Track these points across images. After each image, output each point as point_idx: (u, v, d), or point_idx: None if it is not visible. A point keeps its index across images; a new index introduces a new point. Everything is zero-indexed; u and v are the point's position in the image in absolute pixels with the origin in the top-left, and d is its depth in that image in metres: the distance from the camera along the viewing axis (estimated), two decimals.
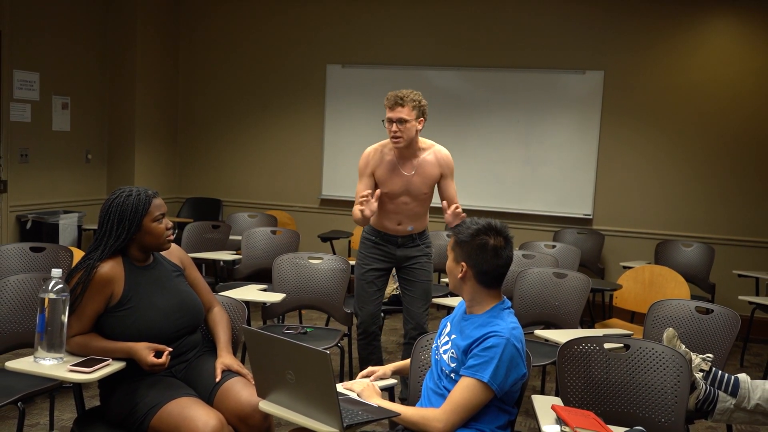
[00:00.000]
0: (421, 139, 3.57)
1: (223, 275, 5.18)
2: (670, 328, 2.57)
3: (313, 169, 6.73)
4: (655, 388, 2.34)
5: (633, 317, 4.71)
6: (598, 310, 5.45)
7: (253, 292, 3.76)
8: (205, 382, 2.41)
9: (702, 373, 2.52)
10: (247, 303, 2.96)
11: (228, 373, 2.42)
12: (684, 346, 2.52)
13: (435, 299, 3.89)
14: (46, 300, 2.26)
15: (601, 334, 3.15)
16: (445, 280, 4.65)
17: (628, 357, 2.41)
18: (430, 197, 3.63)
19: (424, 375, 2.39)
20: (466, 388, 2.10)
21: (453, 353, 2.21)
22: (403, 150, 3.51)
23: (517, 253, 4.36)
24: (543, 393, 3.87)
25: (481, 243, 2.19)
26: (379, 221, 3.65)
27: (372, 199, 3.36)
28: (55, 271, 2.29)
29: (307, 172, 6.75)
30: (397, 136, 3.41)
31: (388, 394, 2.43)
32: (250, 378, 2.38)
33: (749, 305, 4.84)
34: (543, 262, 4.36)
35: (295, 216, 6.64)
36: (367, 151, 3.64)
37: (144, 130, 6.60)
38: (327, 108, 6.62)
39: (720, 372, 2.55)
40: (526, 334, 2.30)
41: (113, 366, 2.30)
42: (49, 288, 2.26)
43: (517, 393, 2.21)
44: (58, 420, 3.46)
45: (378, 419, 2.02)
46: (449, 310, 3.20)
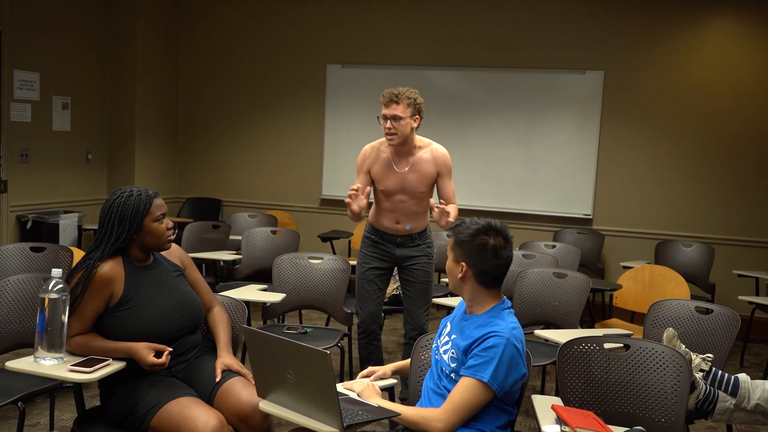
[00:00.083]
0: (418, 137, 3.57)
1: (223, 275, 5.18)
2: (670, 328, 2.57)
3: (313, 169, 6.73)
4: (655, 388, 2.34)
5: (633, 317, 4.72)
6: (598, 310, 5.45)
7: (253, 292, 3.76)
8: (205, 382, 2.41)
9: (702, 373, 2.52)
10: (247, 303, 2.96)
11: (228, 373, 2.42)
12: (684, 346, 2.52)
13: (435, 299, 3.88)
14: (47, 300, 2.26)
15: (601, 334, 3.15)
16: (445, 280, 4.65)
17: (628, 357, 2.41)
18: (428, 196, 3.60)
19: (424, 375, 2.39)
20: (466, 388, 2.10)
21: (453, 353, 2.21)
22: (399, 147, 3.52)
23: (517, 253, 4.36)
24: (543, 393, 3.87)
25: (481, 243, 2.19)
26: (377, 220, 3.65)
27: (361, 194, 3.38)
28: (56, 271, 2.30)
29: (307, 172, 6.76)
30: (392, 132, 3.42)
31: (388, 394, 2.44)
32: (250, 378, 2.38)
33: (749, 305, 4.84)
34: (543, 262, 4.36)
35: (295, 216, 6.64)
36: (365, 148, 3.66)
37: (144, 130, 6.60)
38: (327, 108, 6.62)
39: (720, 372, 2.55)
40: (526, 334, 2.30)
41: (113, 366, 2.30)
42: (50, 288, 2.26)
43: (517, 393, 2.21)
44: (59, 420, 3.46)
45: (378, 419, 2.03)
46: (449, 310, 3.20)
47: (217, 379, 2.38)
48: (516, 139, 6.19)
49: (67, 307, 2.29)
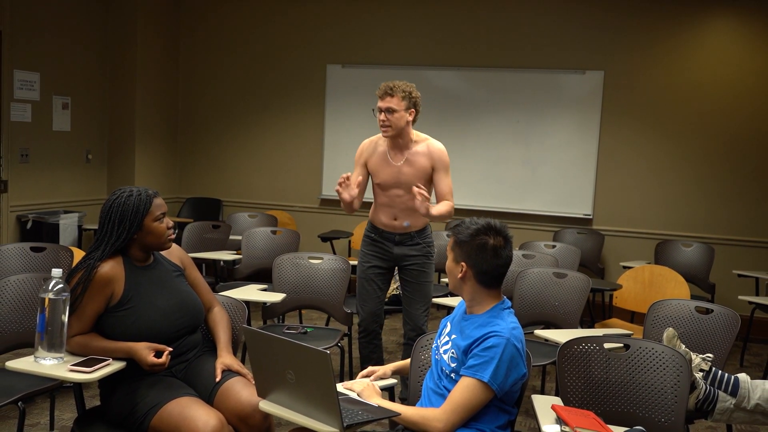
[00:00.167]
0: (415, 132, 3.59)
1: (223, 275, 5.18)
2: (670, 328, 2.57)
3: (313, 169, 6.73)
4: (655, 388, 2.34)
5: (633, 317, 4.72)
6: (598, 310, 5.45)
7: (253, 292, 3.77)
8: (205, 382, 2.41)
9: (702, 373, 2.52)
10: (247, 303, 2.96)
11: (228, 372, 2.42)
12: (684, 346, 2.52)
13: (435, 299, 3.88)
14: (47, 300, 2.26)
15: (601, 334, 3.16)
16: (445, 280, 4.64)
17: (628, 357, 2.41)
18: (425, 192, 3.58)
19: (424, 375, 2.39)
20: (466, 388, 2.10)
21: (453, 353, 2.21)
22: (395, 141, 3.55)
23: (517, 253, 4.36)
24: (543, 393, 3.87)
25: (481, 243, 2.19)
26: (376, 216, 3.67)
27: (352, 184, 3.41)
28: (56, 271, 2.30)
29: (308, 172, 6.76)
30: (386, 125, 3.47)
31: (388, 393, 2.44)
32: (250, 378, 2.38)
33: (749, 305, 4.84)
34: (543, 262, 4.36)
35: (295, 216, 6.64)
36: (364, 142, 3.71)
37: (144, 130, 6.61)
38: (327, 108, 6.62)
39: (720, 372, 2.55)
40: (526, 334, 2.30)
41: (113, 366, 2.30)
42: (50, 288, 2.27)
43: (517, 393, 2.21)
44: (59, 420, 3.46)
45: (378, 419, 2.03)
46: (449, 310, 3.20)
47: (217, 379, 2.38)
48: (516, 139, 6.19)
49: (67, 307, 2.29)
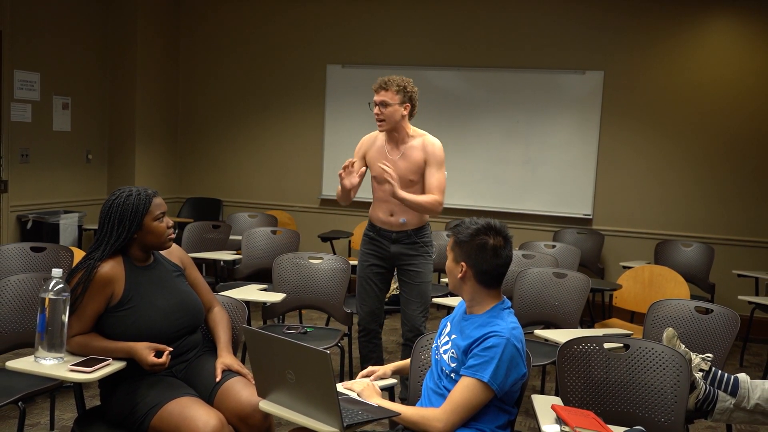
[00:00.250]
0: (413, 128, 3.61)
1: (223, 275, 5.18)
2: (670, 328, 2.57)
3: (313, 169, 6.74)
4: (655, 388, 2.35)
5: (633, 317, 4.72)
6: (597, 310, 5.46)
7: (253, 292, 3.77)
8: (205, 382, 2.41)
9: (702, 373, 2.52)
10: (247, 303, 2.96)
11: (228, 372, 2.42)
12: (684, 346, 2.52)
13: (435, 299, 3.88)
14: (47, 300, 2.26)
15: (600, 334, 3.16)
16: (445, 280, 4.65)
17: (627, 357, 2.41)
18: (418, 186, 3.56)
19: (424, 375, 2.39)
20: (466, 387, 2.10)
21: (453, 353, 2.21)
22: (392, 135, 3.58)
23: (517, 253, 4.36)
24: (543, 393, 3.87)
25: (481, 243, 2.19)
26: (374, 213, 3.68)
27: (355, 172, 3.43)
28: (56, 271, 2.30)
29: (308, 172, 6.76)
30: (380, 119, 3.50)
31: (388, 393, 2.44)
32: (250, 378, 2.38)
33: (749, 305, 4.84)
34: (543, 262, 4.36)
35: (295, 216, 6.64)
36: (365, 136, 3.74)
37: (144, 130, 6.61)
38: (327, 108, 6.63)
39: (720, 372, 2.55)
40: (526, 334, 2.31)
41: (114, 366, 2.30)
42: (50, 288, 2.27)
43: (517, 393, 2.21)
44: (59, 420, 3.46)
45: (378, 419, 2.03)
46: (449, 310, 3.20)
47: (218, 379, 2.38)
48: (516, 139, 6.20)
49: (68, 307, 2.30)
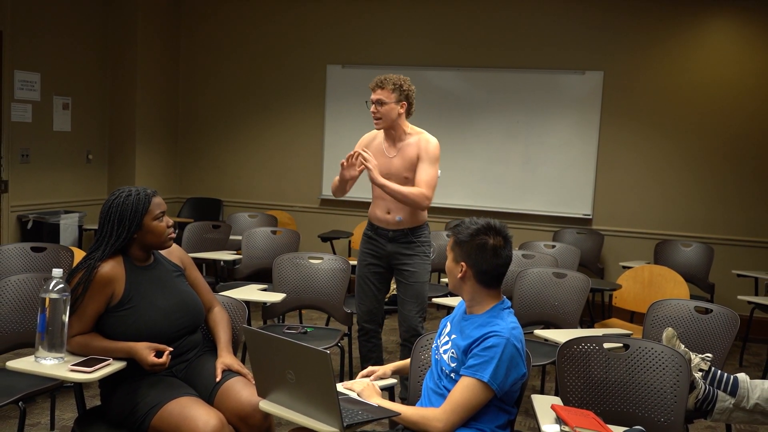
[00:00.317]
0: (411, 126, 3.62)
1: (223, 275, 5.18)
2: (670, 328, 2.58)
3: (313, 169, 6.74)
4: (655, 388, 2.35)
5: (632, 317, 4.72)
6: (597, 309, 5.46)
7: (253, 292, 3.77)
8: (205, 382, 2.42)
9: (701, 373, 2.52)
10: (247, 303, 2.97)
11: (228, 372, 2.42)
12: (683, 346, 2.53)
13: (435, 299, 3.88)
14: (47, 300, 2.26)
15: (600, 334, 3.16)
16: (444, 280, 4.65)
17: (627, 357, 2.42)
18: (413, 183, 3.56)
19: (424, 375, 2.39)
20: (466, 387, 2.11)
21: (453, 353, 2.21)
22: (389, 133, 3.60)
23: (517, 253, 4.37)
24: (543, 393, 3.87)
25: (481, 243, 2.19)
26: (372, 211, 3.70)
27: (356, 165, 3.45)
28: (56, 271, 2.30)
29: (308, 172, 6.76)
30: (377, 117, 3.53)
31: (388, 393, 2.44)
32: (250, 378, 2.39)
33: (748, 305, 4.84)
34: (542, 262, 4.36)
35: (295, 216, 6.65)
36: (365, 134, 3.77)
37: (145, 130, 6.61)
38: (327, 108, 6.63)
39: (719, 371, 2.55)
40: (525, 333, 2.31)
41: (114, 366, 2.30)
42: (50, 288, 2.27)
43: (516, 393, 2.21)
44: (59, 419, 3.46)
45: (378, 419, 2.03)
46: (449, 310, 3.20)
47: (218, 379, 2.39)
48: (516, 139, 6.20)
49: (68, 307, 2.30)
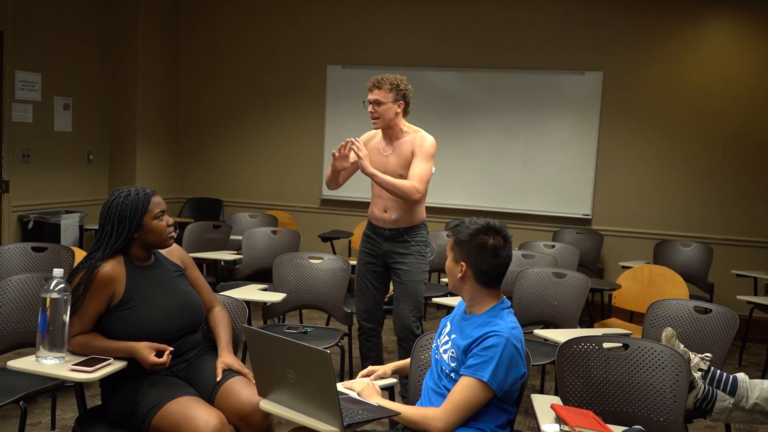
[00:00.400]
0: (409, 125, 3.63)
1: (223, 275, 5.19)
2: (669, 328, 2.58)
3: (313, 170, 6.74)
4: (654, 388, 2.35)
5: (632, 317, 4.72)
6: (597, 309, 5.46)
7: (253, 292, 3.78)
8: (205, 382, 2.42)
9: (701, 373, 2.53)
10: (247, 303, 2.97)
11: (229, 372, 2.43)
12: (683, 346, 2.53)
13: (435, 299, 3.89)
14: (48, 300, 2.27)
15: (600, 334, 3.16)
16: (444, 280, 4.65)
17: (627, 356, 2.42)
18: None
19: (424, 374, 2.40)
20: (466, 387, 2.11)
21: (453, 353, 2.22)
22: (386, 132, 3.62)
23: (517, 253, 4.37)
24: (542, 392, 3.88)
25: (481, 243, 2.20)
26: (371, 211, 3.71)
27: (350, 157, 3.48)
28: (57, 271, 2.31)
29: (308, 172, 6.77)
30: (374, 117, 3.56)
31: (388, 393, 2.45)
32: (250, 377, 2.39)
33: (747, 305, 4.85)
34: (542, 261, 4.36)
35: (295, 216, 6.65)
36: (365, 134, 3.78)
37: (145, 130, 6.62)
38: (327, 108, 6.63)
39: (718, 371, 2.56)
40: (525, 333, 2.31)
41: (114, 365, 2.31)
42: (51, 288, 2.27)
43: (516, 392, 2.22)
44: (60, 419, 3.47)
45: (378, 418, 2.04)
46: (449, 309, 3.21)
47: (218, 379, 2.39)
48: (515, 140, 6.20)
49: (69, 307, 2.30)
